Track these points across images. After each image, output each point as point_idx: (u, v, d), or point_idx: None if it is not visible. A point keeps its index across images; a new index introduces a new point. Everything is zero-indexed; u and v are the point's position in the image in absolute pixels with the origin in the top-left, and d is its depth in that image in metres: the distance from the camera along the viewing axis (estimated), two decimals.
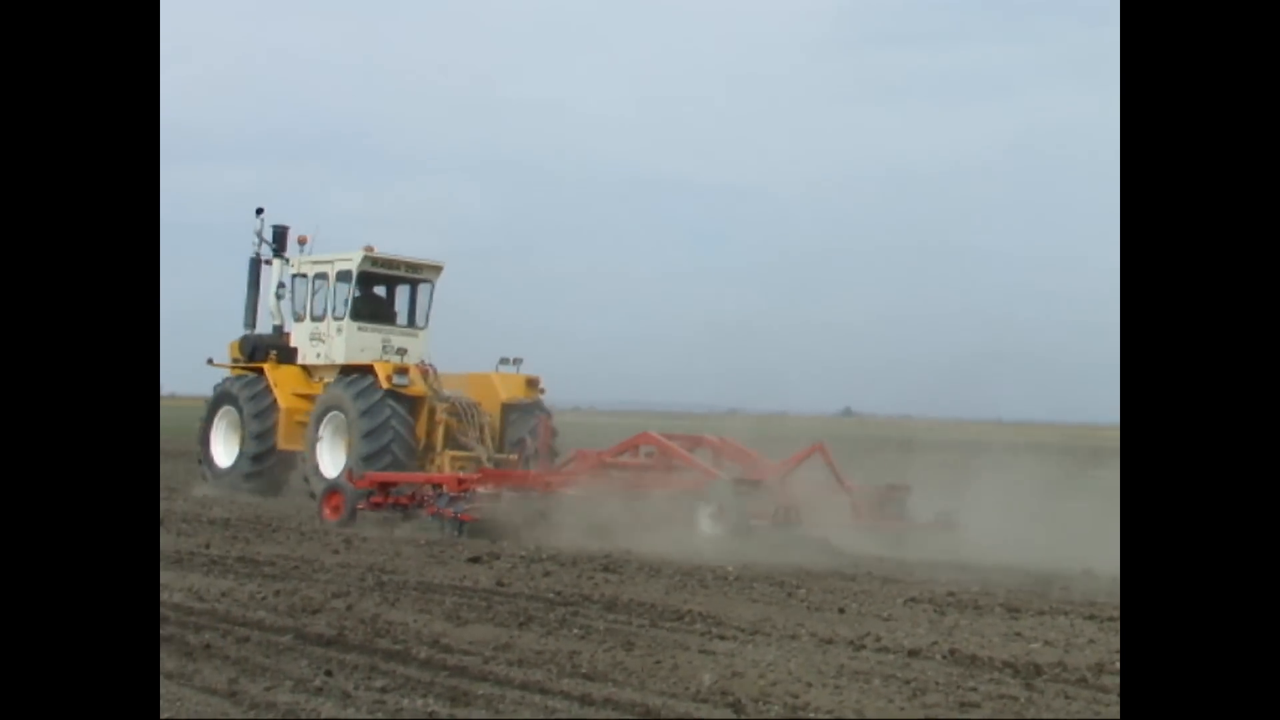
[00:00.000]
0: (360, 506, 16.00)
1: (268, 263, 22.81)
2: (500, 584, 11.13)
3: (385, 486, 16.48)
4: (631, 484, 16.04)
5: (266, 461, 20.89)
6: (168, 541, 13.75)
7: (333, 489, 16.62)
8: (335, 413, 19.56)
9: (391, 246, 21.64)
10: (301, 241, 22.35)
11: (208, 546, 13.43)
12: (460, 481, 15.99)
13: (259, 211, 22.90)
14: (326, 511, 16.20)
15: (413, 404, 19.61)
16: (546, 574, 11.76)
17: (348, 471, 17.46)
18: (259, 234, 22.77)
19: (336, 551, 13.23)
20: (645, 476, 16.40)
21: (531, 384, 21.06)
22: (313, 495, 18.18)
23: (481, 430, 20.09)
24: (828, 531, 14.28)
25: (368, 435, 18.86)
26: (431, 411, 19.95)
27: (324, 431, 19.76)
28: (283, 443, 20.74)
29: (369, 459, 18.43)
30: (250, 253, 22.86)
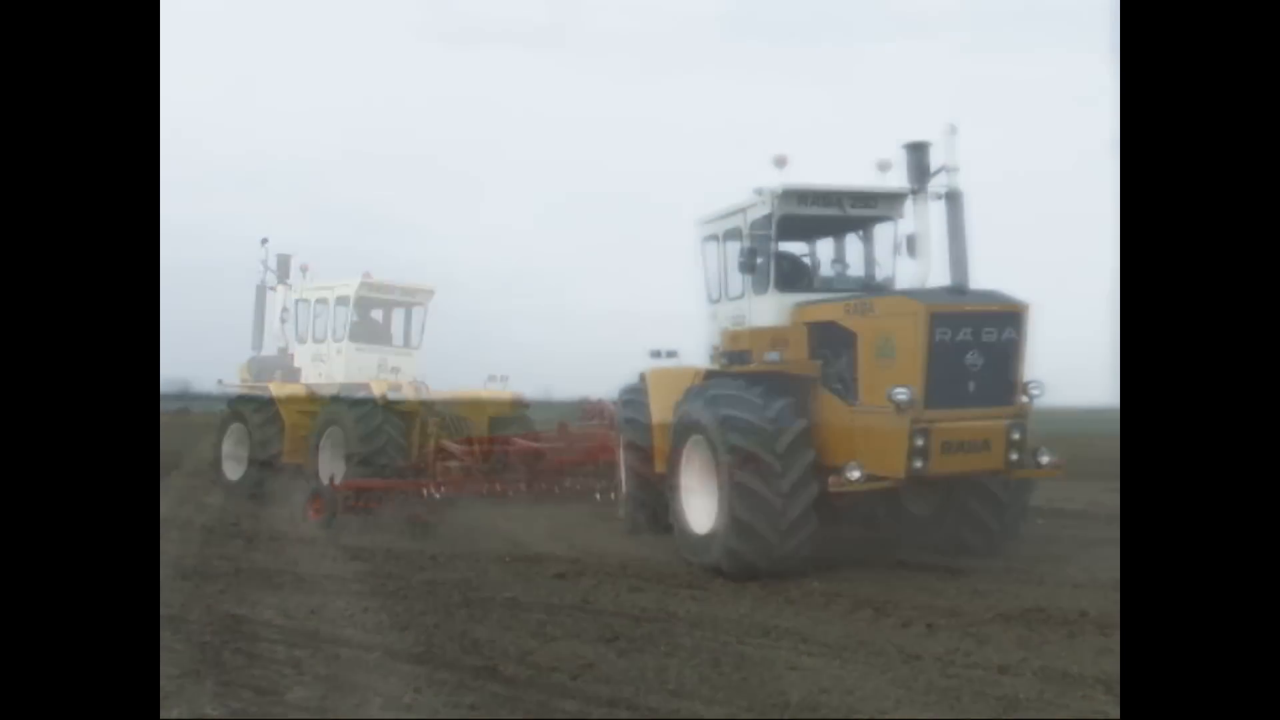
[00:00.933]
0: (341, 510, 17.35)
1: (272, 289, 23.98)
2: (586, 600, 11.16)
3: (359, 491, 17.74)
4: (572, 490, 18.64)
5: (273, 474, 21.74)
6: (255, 559, 14.04)
7: (315, 493, 17.94)
8: (334, 428, 20.51)
9: (472, 267, 22.42)
10: (304, 269, 23.67)
11: (296, 564, 13.65)
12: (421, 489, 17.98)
13: (264, 241, 24.07)
14: (310, 513, 17.49)
15: (405, 419, 20.52)
16: (632, 590, 11.76)
17: (330, 478, 18.64)
18: (264, 263, 23.97)
19: (423, 568, 13.35)
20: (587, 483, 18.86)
21: (516, 399, 22.19)
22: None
23: (469, 442, 20.72)
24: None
25: (364, 448, 19.78)
26: (423, 425, 20.79)
27: (324, 445, 20.72)
28: (288, 456, 21.70)
29: (365, 470, 19.35)
30: (256, 280, 24.04)
